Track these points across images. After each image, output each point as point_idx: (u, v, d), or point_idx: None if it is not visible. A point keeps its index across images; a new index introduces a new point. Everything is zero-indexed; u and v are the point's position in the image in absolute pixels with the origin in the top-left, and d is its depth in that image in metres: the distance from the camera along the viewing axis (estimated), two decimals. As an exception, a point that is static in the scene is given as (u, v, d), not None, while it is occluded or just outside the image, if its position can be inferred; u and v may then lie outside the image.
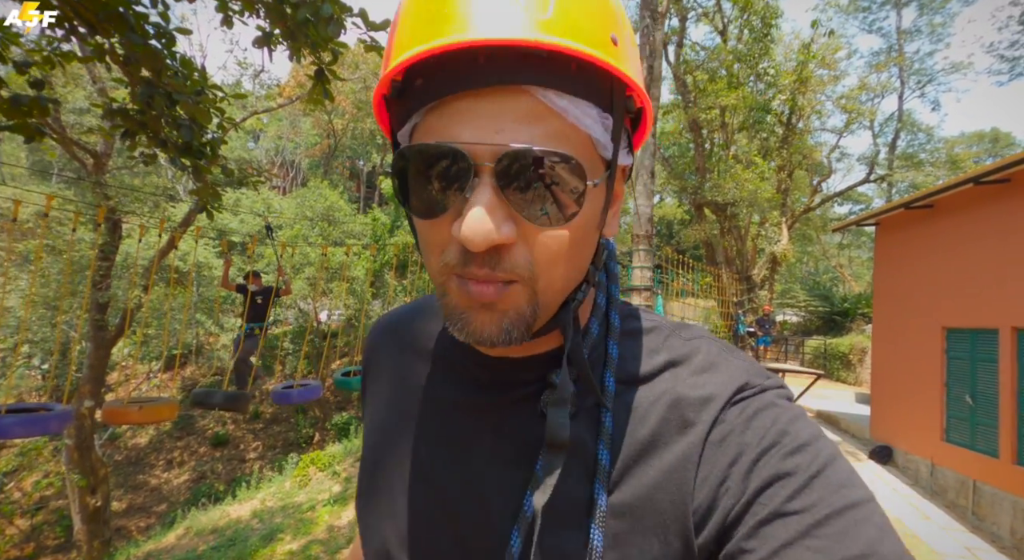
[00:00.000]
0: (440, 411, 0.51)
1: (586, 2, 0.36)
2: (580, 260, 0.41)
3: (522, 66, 0.34)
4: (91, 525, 9.39)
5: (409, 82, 0.37)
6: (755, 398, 0.42)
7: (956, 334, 6.62)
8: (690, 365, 0.45)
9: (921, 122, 22.54)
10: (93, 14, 2.31)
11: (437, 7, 0.35)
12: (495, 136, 0.35)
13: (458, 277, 0.39)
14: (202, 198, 3.18)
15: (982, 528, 5.81)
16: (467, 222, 0.35)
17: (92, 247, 11.64)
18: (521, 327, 0.39)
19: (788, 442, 0.38)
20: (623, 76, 0.37)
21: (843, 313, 19.99)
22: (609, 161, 0.40)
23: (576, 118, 0.36)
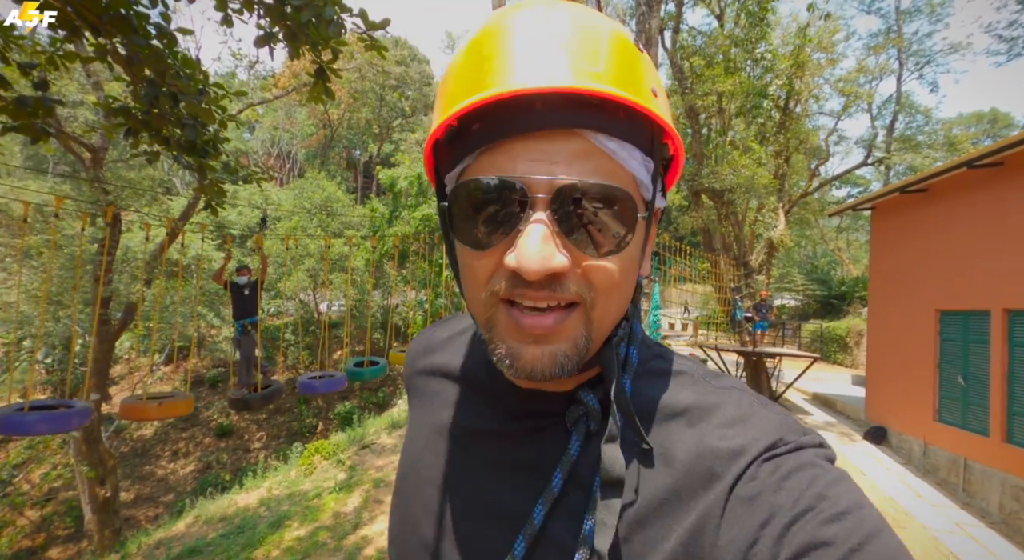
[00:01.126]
0: (469, 438, 0.52)
1: (630, 59, 0.40)
2: (628, 292, 0.43)
3: (575, 111, 0.36)
4: (101, 515, 9.59)
5: (465, 127, 0.39)
6: (790, 456, 0.39)
7: (949, 316, 6.73)
8: (719, 415, 0.43)
9: (919, 104, 22.43)
10: (96, 16, 2.35)
11: (495, 57, 0.37)
12: (551, 169, 0.37)
13: (508, 307, 0.39)
14: (207, 194, 3.24)
15: (972, 504, 5.97)
16: (523, 250, 0.36)
17: (91, 242, 11.67)
18: (574, 359, 0.40)
19: (827, 507, 0.35)
20: (663, 123, 0.40)
21: (840, 296, 20.13)
22: (648, 201, 0.43)
23: (623, 159, 0.39)
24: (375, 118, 25.55)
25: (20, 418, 3.77)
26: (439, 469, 0.52)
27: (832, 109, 19.80)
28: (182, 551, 7.76)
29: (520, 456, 0.47)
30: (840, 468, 0.40)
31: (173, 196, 18.15)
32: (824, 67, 12.17)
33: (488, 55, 0.38)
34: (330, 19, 2.08)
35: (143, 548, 8.40)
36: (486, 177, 0.38)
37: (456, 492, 0.50)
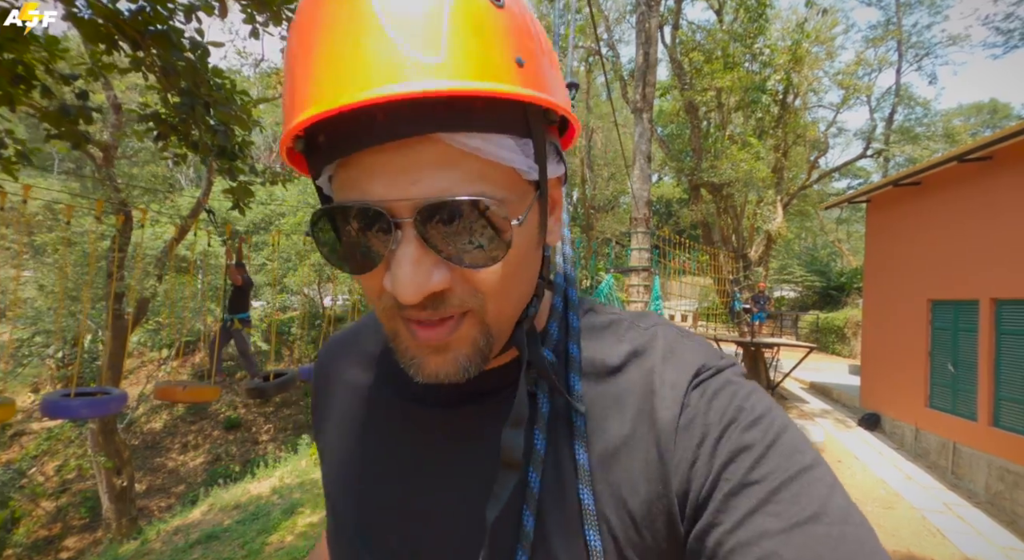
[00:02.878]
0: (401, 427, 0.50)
1: (482, 29, 0.33)
2: (525, 283, 0.42)
3: (423, 115, 0.33)
4: (118, 504, 9.87)
5: (312, 139, 0.36)
6: (713, 379, 0.43)
7: (940, 306, 6.94)
8: (652, 353, 0.46)
9: (918, 95, 22.50)
10: (136, 31, 2.55)
11: (323, 57, 0.33)
12: (411, 188, 0.34)
13: (404, 319, 0.39)
14: (237, 196, 3.46)
15: (960, 486, 6.21)
16: (396, 279, 0.35)
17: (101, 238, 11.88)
18: (477, 360, 0.40)
19: (744, 417, 0.40)
20: (536, 100, 0.35)
21: (839, 287, 20.33)
22: (536, 181, 0.40)
23: (492, 154, 0.35)
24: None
25: (67, 403, 4.05)
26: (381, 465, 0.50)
27: (831, 101, 19.90)
28: (200, 537, 8.04)
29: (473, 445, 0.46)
30: (752, 381, 0.45)
31: (178, 192, 18.34)
32: (823, 61, 12.29)
33: (313, 55, 0.33)
34: None
35: (162, 534, 8.68)
36: (346, 203, 0.35)
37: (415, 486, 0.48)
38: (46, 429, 16.57)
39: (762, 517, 0.36)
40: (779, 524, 0.35)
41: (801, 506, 0.35)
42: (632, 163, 6.23)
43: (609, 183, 25.28)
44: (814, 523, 0.35)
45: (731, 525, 0.36)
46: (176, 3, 2.36)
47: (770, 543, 0.34)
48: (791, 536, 0.34)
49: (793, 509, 0.35)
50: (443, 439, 0.48)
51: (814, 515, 0.35)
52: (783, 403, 9.38)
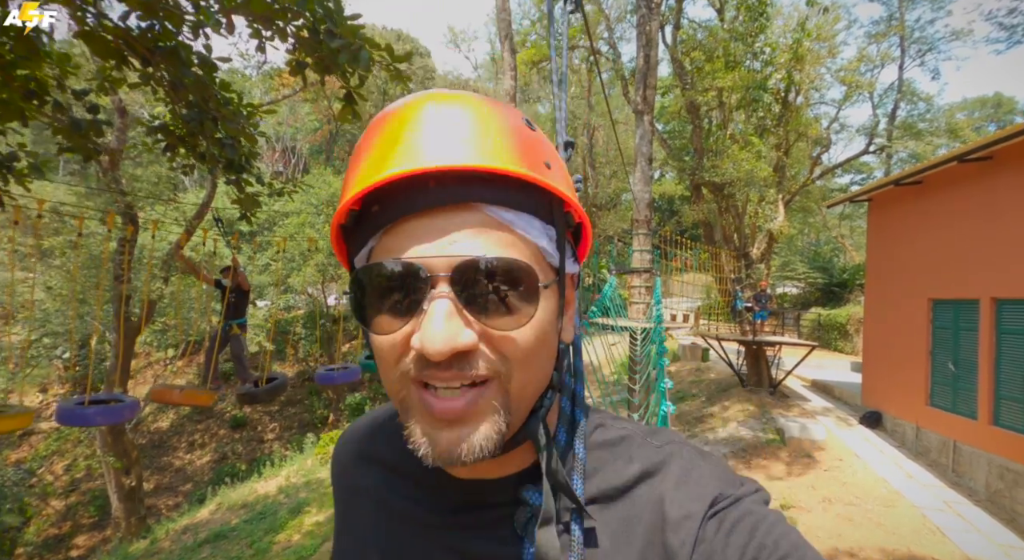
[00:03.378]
0: (411, 533, 0.50)
1: (520, 136, 0.41)
2: (545, 361, 0.43)
3: (468, 186, 0.38)
4: (127, 503, 10.00)
5: (366, 210, 0.40)
6: (731, 509, 0.42)
7: (941, 305, 6.96)
8: (665, 477, 0.45)
9: (921, 91, 22.36)
10: (146, 48, 2.61)
11: (390, 144, 0.38)
12: (449, 248, 0.37)
13: (420, 388, 0.39)
14: (244, 207, 3.53)
15: (960, 484, 6.26)
16: (427, 331, 0.36)
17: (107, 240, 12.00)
18: (494, 439, 0.39)
19: (766, 556, 0.38)
20: (559, 192, 0.41)
21: (842, 284, 20.30)
22: (557, 268, 0.43)
23: (523, 229, 0.40)
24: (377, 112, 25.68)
25: (82, 411, 4.16)
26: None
27: (833, 98, 19.84)
28: (208, 536, 8.14)
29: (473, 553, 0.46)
30: (776, 510, 0.43)
31: (181, 193, 18.43)
32: (824, 58, 12.28)
33: (382, 143, 0.39)
34: (358, 52, 2.33)
35: (171, 533, 8.80)
36: (386, 260, 0.38)
37: None
38: (55, 429, 16.74)
39: None
40: None
41: None
42: (633, 164, 6.27)
43: (611, 181, 25.29)
44: None
45: None
46: (183, 20, 2.42)
47: None
48: None
49: None
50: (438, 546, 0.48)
51: None
52: (785, 401, 9.42)
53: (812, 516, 5.67)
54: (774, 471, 6.83)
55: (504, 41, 7.26)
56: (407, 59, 2.57)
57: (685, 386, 11.91)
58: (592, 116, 23.06)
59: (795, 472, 6.73)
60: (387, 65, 2.61)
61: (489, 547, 0.46)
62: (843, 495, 6.05)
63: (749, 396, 9.68)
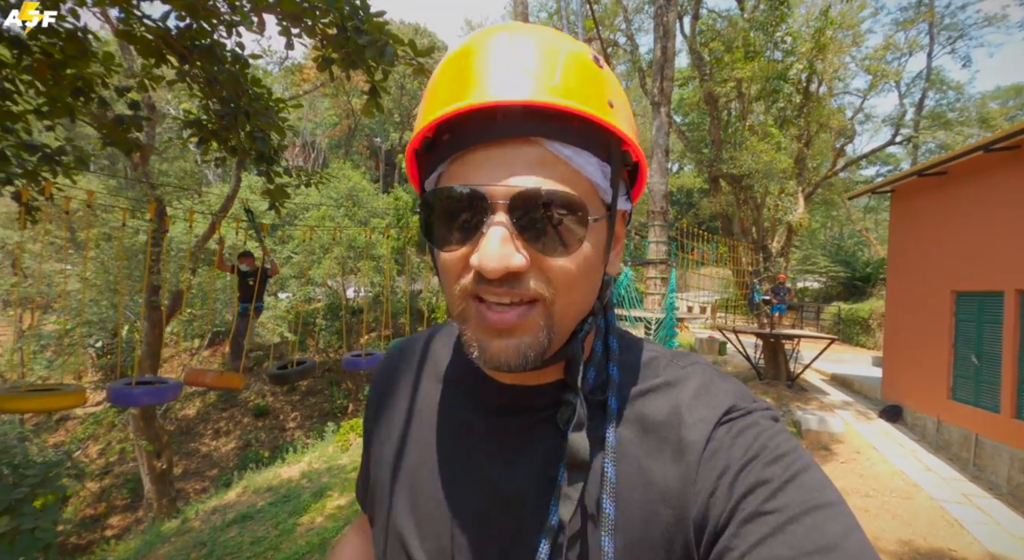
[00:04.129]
0: (457, 433, 0.54)
1: (587, 75, 0.43)
2: (589, 289, 0.47)
3: (533, 121, 0.41)
4: (159, 485, 10.42)
5: (438, 137, 0.44)
6: (741, 419, 0.46)
7: (965, 297, 6.86)
8: (685, 388, 0.49)
9: (951, 79, 21.69)
10: (183, 46, 2.76)
11: (464, 76, 0.42)
12: (509, 178, 0.41)
13: (476, 302, 0.43)
14: (274, 198, 3.70)
15: (981, 478, 6.19)
16: (484, 251, 0.40)
17: (136, 233, 12.41)
18: (537, 351, 0.43)
19: (767, 454, 0.42)
20: (619, 132, 0.44)
21: (865, 278, 19.94)
22: (609, 204, 0.46)
23: (579, 165, 0.43)
24: (396, 107, 26.02)
25: (130, 391, 4.45)
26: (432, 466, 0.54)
27: (858, 88, 19.38)
28: (235, 517, 8.46)
29: (514, 452, 0.50)
30: (781, 424, 0.47)
31: (207, 187, 18.89)
32: (848, 47, 12.02)
33: (457, 74, 0.43)
34: (384, 47, 2.45)
35: (200, 514, 9.15)
36: (452, 185, 0.42)
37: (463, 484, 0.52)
38: (89, 415, 17.44)
39: (773, 544, 0.37)
40: (789, 552, 0.36)
41: (813, 538, 0.37)
42: (650, 157, 6.29)
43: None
44: (825, 555, 0.35)
45: (744, 549, 0.38)
46: (220, 19, 2.55)
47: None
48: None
49: (805, 540, 0.37)
50: (486, 443, 0.52)
51: (825, 548, 0.36)
52: (803, 395, 9.37)
53: (828, 507, 5.69)
54: (790, 463, 6.84)
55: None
56: (429, 54, 2.68)
57: (702, 379, 11.86)
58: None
59: (811, 464, 6.73)
60: (409, 60, 2.73)
61: (531, 443, 0.50)
62: (860, 487, 6.03)
63: (766, 389, 9.64)
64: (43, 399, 3.74)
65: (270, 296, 16.70)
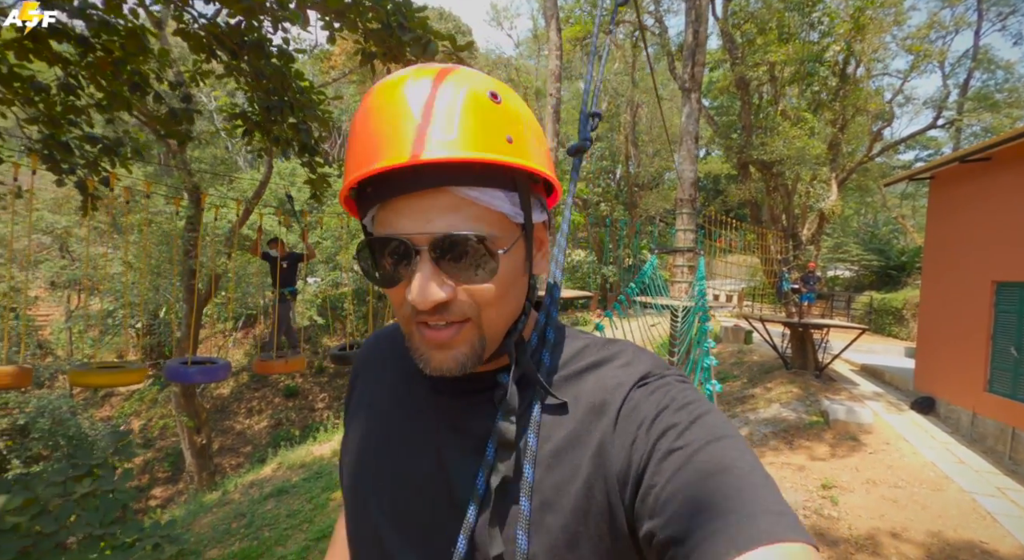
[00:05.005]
0: (411, 410, 0.62)
1: (483, 116, 0.48)
2: (513, 300, 0.54)
3: (441, 173, 0.47)
4: (199, 459, 10.96)
5: (363, 189, 0.51)
6: (656, 381, 0.53)
7: (1006, 287, 6.66)
8: (610, 364, 0.57)
9: (1000, 58, 20.53)
10: (234, 43, 2.89)
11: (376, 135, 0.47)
12: (427, 226, 0.47)
13: (419, 324, 0.51)
14: (316, 187, 3.86)
15: (1018, 472, 6.08)
16: (413, 289, 0.48)
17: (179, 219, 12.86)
18: (473, 359, 0.51)
19: (675, 404, 0.50)
20: (517, 166, 0.49)
21: (899, 267, 19.33)
22: (523, 224, 0.53)
23: (487, 202, 0.49)
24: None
25: (185, 369, 4.76)
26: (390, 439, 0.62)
27: (898, 69, 18.57)
28: (272, 490, 8.87)
29: (457, 428, 0.57)
30: (688, 384, 0.54)
31: (239, 174, 19.36)
32: (889, 26, 11.53)
33: (370, 133, 0.48)
34: (428, 44, 2.53)
35: (239, 487, 9.61)
36: (384, 235, 0.49)
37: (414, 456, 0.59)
38: (132, 392, 18.33)
39: (684, 473, 0.44)
40: (697, 477, 0.43)
41: (715, 463, 0.44)
42: (679, 143, 6.22)
43: (654, 160, 24.70)
44: (723, 474, 0.43)
45: (662, 482, 0.45)
46: (269, 15, 2.66)
47: (689, 489, 0.43)
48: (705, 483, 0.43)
49: (708, 465, 0.44)
50: (437, 421, 0.59)
51: (725, 468, 0.43)
52: (832, 385, 9.26)
53: (854, 497, 5.68)
54: (817, 452, 6.82)
55: (550, 20, 7.23)
56: (468, 48, 2.74)
57: (727, 368, 11.82)
58: (636, 93, 22.50)
59: (839, 454, 6.70)
60: (449, 53, 2.80)
61: (474, 419, 0.57)
62: (888, 478, 6.00)
63: (793, 378, 9.55)
64: (112, 375, 4.06)
65: (300, 281, 17.14)
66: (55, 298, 17.31)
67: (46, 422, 11.15)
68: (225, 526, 7.64)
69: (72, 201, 14.58)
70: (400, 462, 0.59)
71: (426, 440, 0.59)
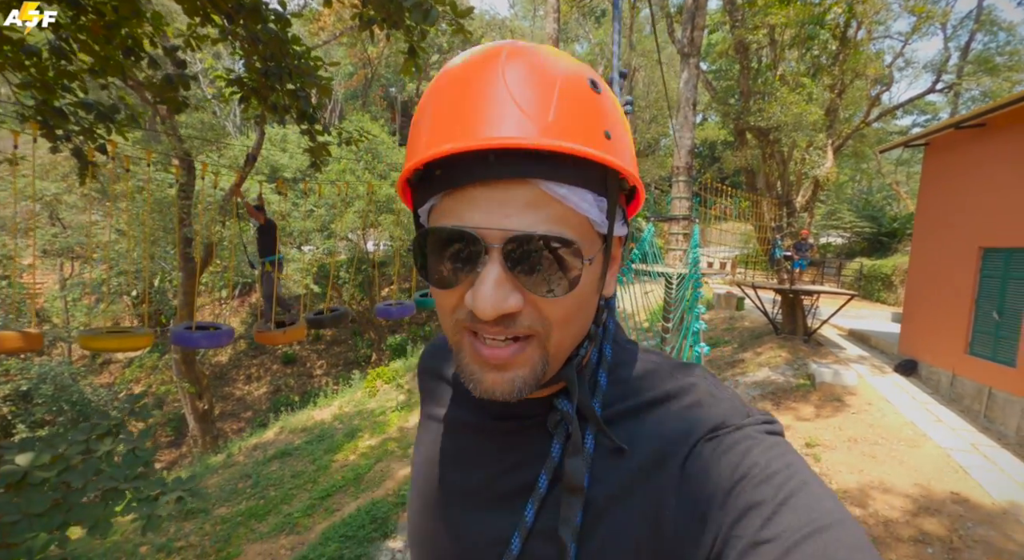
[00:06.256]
0: (460, 433, 0.58)
1: (582, 104, 0.42)
2: (583, 321, 0.47)
3: (527, 162, 0.39)
4: (202, 424, 11.20)
5: (429, 171, 0.43)
6: (730, 435, 0.44)
7: (991, 253, 6.81)
8: (678, 403, 0.48)
9: (1003, 19, 20.10)
10: (230, 7, 2.84)
11: (455, 110, 0.41)
12: (503, 221, 0.40)
13: (471, 335, 0.44)
14: (316, 155, 3.84)
15: (991, 429, 6.38)
16: (478, 294, 0.40)
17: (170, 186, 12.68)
18: (531, 383, 0.44)
19: (758, 472, 0.40)
20: (615, 166, 0.42)
21: (891, 234, 19.53)
22: (605, 235, 0.46)
23: (574, 203, 0.42)
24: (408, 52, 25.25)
25: (191, 334, 4.85)
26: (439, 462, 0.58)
27: (900, 31, 18.16)
28: (275, 453, 9.14)
29: (507, 453, 0.52)
30: (777, 437, 0.44)
31: (226, 142, 18.97)
32: (892, -14, 11.27)
33: (449, 106, 0.41)
34: (429, 10, 2.49)
35: (243, 450, 9.89)
36: (448, 226, 0.42)
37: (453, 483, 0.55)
38: (130, 360, 18.49)
39: None
40: None
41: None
42: (677, 110, 6.18)
43: (650, 126, 24.40)
44: None
45: None
46: (262, -22, 2.62)
47: None
48: None
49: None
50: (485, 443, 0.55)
51: None
52: (819, 349, 9.53)
53: (836, 454, 5.97)
54: (803, 413, 7.10)
55: (547, -20, 7.03)
56: (468, 14, 2.71)
57: (718, 333, 12.09)
58: (632, 56, 22.00)
59: (823, 414, 6.98)
60: (450, 20, 2.77)
61: (525, 444, 0.52)
62: (869, 435, 6.29)
63: (783, 343, 9.81)
64: (121, 339, 4.13)
65: (295, 249, 17.08)
66: (46, 266, 17.21)
67: (49, 388, 11.31)
68: (232, 486, 7.92)
69: (58, 167, 14.31)
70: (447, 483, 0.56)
71: (473, 463, 0.55)
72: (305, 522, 6.42)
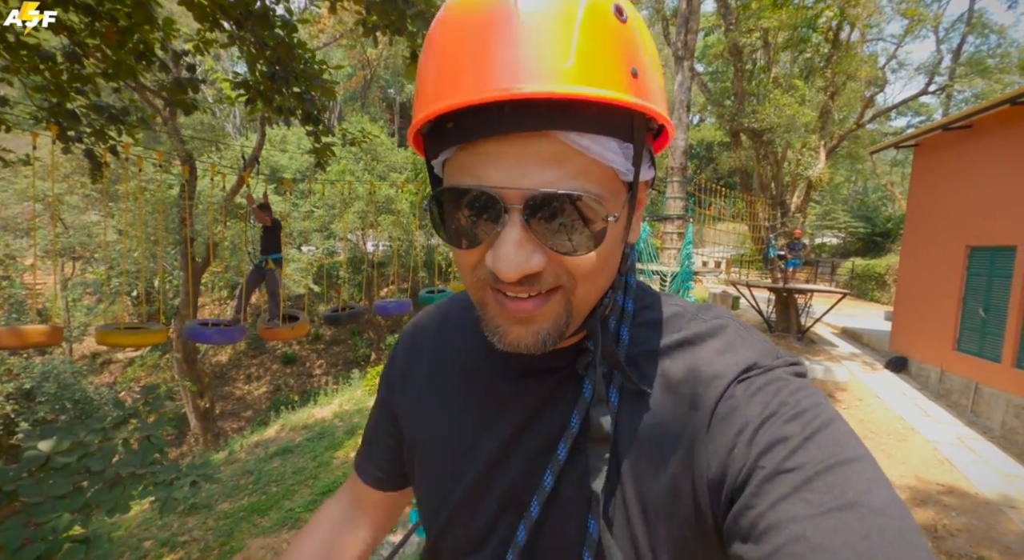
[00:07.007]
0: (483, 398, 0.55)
1: (607, 38, 0.37)
2: (609, 273, 0.46)
3: (545, 113, 0.36)
4: (203, 422, 11.30)
5: (440, 124, 0.40)
6: (761, 376, 0.44)
7: (978, 252, 6.97)
8: (708, 345, 0.48)
9: (994, 22, 20.37)
10: (238, 13, 2.97)
11: (463, 54, 0.37)
12: (522, 179, 0.38)
13: (494, 291, 0.43)
14: (320, 156, 3.97)
15: (977, 423, 6.54)
16: (499, 255, 0.39)
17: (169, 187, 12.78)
18: (555, 336, 0.43)
19: (786, 411, 0.41)
20: (642, 108, 0.39)
21: (885, 233, 19.74)
22: (631, 182, 0.43)
23: (598, 154, 0.39)
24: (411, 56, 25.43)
25: (204, 331, 5.02)
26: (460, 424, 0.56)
27: (892, 34, 18.35)
28: (277, 450, 9.24)
29: (533, 403, 0.52)
30: (804, 379, 0.45)
31: (229, 140, 19.07)
32: (884, -11, 11.45)
33: (455, 50, 0.38)
34: (431, 17, 2.62)
35: (245, 447, 9.99)
36: (464, 186, 0.39)
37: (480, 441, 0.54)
38: (130, 359, 18.56)
39: (793, 502, 0.36)
40: (809, 510, 0.35)
41: (834, 495, 0.35)
42: (671, 112, 6.31)
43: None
44: (846, 511, 0.34)
45: (763, 509, 0.37)
46: (270, -14, 2.74)
47: (798, 526, 0.35)
48: (820, 521, 0.34)
49: (825, 497, 0.35)
50: (509, 403, 0.53)
51: (848, 504, 0.35)
52: (812, 347, 9.68)
53: (826, 447, 6.10)
54: (794, 408, 7.24)
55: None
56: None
57: (714, 331, 12.21)
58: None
59: (815, 409, 7.12)
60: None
61: (551, 392, 0.51)
62: (859, 430, 6.42)
63: (776, 341, 9.96)
64: (138, 335, 4.28)
65: (295, 249, 17.19)
66: (47, 266, 17.31)
67: (51, 386, 11.39)
68: (234, 482, 8.02)
69: (60, 168, 14.40)
70: (466, 438, 0.55)
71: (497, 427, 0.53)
72: (306, 517, 6.53)
